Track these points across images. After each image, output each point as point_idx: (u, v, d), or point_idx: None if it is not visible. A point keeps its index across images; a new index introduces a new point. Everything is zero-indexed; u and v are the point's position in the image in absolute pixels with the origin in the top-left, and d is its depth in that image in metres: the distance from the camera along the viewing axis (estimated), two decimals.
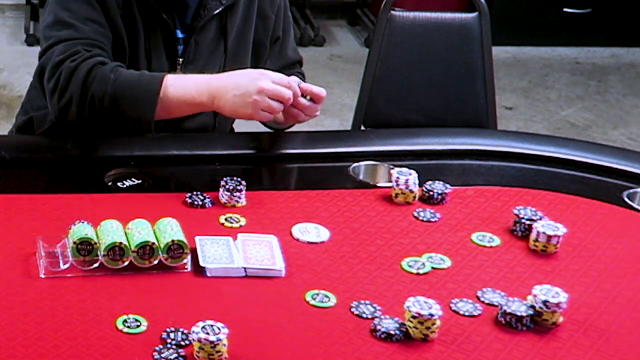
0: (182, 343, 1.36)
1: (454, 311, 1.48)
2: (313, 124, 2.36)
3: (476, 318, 1.47)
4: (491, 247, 1.68)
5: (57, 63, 1.87)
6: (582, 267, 1.63)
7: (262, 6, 2.08)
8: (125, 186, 1.80)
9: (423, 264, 1.60)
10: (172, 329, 1.38)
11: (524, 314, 1.45)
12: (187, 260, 1.54)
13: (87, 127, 1.89)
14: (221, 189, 1.76)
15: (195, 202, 1.74)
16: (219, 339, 1.32)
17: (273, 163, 1.95)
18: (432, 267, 1.59)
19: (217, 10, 1.99)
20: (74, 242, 1.50)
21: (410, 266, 1.59)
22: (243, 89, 1.79)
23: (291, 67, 2.18)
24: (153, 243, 1.52)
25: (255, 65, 2.06)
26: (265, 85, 1.78)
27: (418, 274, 1.57)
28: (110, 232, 1.53)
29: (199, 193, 1.77)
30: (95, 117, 1.86)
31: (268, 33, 2.11)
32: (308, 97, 1.86)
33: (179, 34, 2.00)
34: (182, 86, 1.83)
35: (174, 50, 2.00)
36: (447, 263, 1.61)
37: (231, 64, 2.03)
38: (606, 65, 5.32)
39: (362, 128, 2.68)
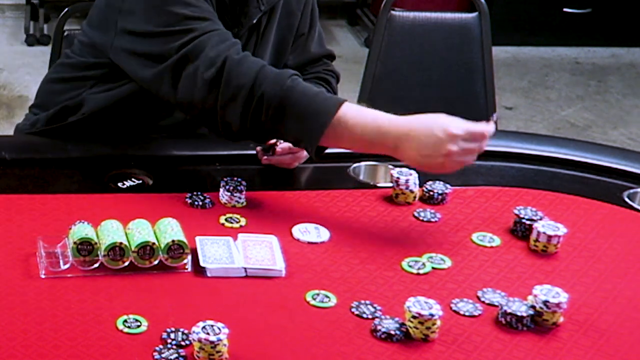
0: (183, 343, 1.35)
1: (455, 311, 1.48)
2: None
3: (476, 318, 1.47)
4: (491, 247, 1.68)
5: (215, 55, 1.71)
6: (583, 267, 1.63)
7: (289, 2, 2.03)
8: (125, 186, 1.80)
9: (423, 264, 1.60)
10: (173, 329, 1.38)
11: (524, 314, 1.45)
12: (188, 260, 1.54)
13: (241, 131, 1.72)
14: (221, 189, 1.76)
15: (196, 203, 1.74)
16: (219, 339, 1.32)
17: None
18: (433, 267, 1.59)
19: (256, 18, 1.95)
20: (74, 242, 1.50)
21: (410, 266, 1.59)
22: (429, 152, 1.62)
23: (315, 62, 2.11)
24: (153, 243, 1.52)
25: (275, 61, 2.03)
26: (454, 148, 1.61)
27: (418, 274, 1.57)
28: (110, 232, 1.53)
29: (199, 193, 1.77)
30: (256, 122, 1.69)
31: (292, 29, 2.05)
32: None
33: None
34: (362, 122, 1.66)
35: None
36: (447, 263, 1.61)
37: None
38: (606, 65, 5.32)
39: None
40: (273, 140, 1.81)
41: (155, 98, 1.81)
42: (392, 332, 1.40)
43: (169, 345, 1.35)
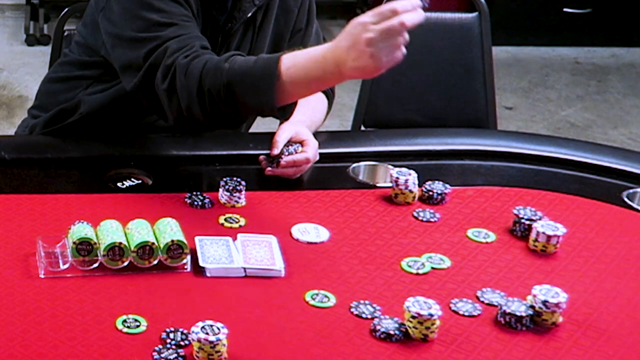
0: (182, 343, 1.36)
1: (454, 311, 1.48)
2: None
3: (476, 318, 1.47)
4: (487, 243, 1.68)
5: (170, 63, 1.75)
6: (582, 267, 1.63)
7: (285, 0, 2.04)
8: (125, 186, 1.80)
9: (423, 264, 1.60)
10: (172, 329, 1.38)
11: (523, 314, 1.45)
12: (187, 260, 1.54)
13: (216, 124, 1.77)
14: (221, 189, 1.76)
15: (195, 203, 1.74)
16: (218, 339, 1.32)
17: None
18: (432, 267, 1.59)
19: (251, 13, 1.96)
20: (74, 242, 1.50)
21: (409, 266, 1.59)
22: (354, 51, 1.58)
23: None
24: (153, 243, 1.52)
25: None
26: (370, 35, 1.56)
27: (417, 274, 1.57)
28: (110, 232, 1.53)
29: (198, 193, 1.77)
30: (218, 112, 1.72)
31: (289, 26, 2.06)
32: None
33: None
34: (302, 65, 1.66)
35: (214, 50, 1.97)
36: (446, 263, 1.61)
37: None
38: (606, 65, 5.32)
39: (362, 128, 2.68)
40: (277, 152, 1.81)
41: None
42: (392, 332, 1.40)
43: (169, 345, 1.35)
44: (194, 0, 1.88)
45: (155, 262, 1.52)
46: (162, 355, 1.33)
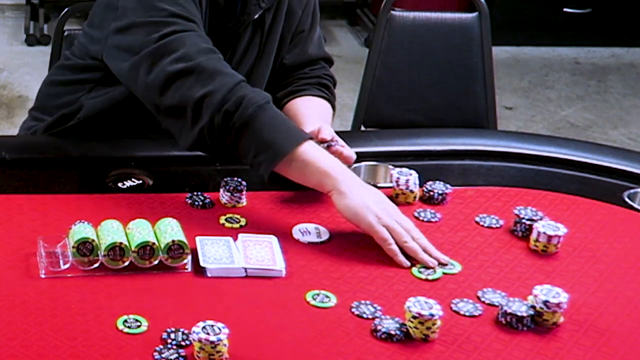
0: (183, 343, 1.35)
1: (455, 311, 1.48)
2: None
3: (477, 318, 1.47)
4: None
5: (201, 49, 1.71)
6: (583, 267, 1.63)
7: (291, 2, 2.04)
8: (125, 186, 1.80)
9: (434, 270, 1.59)
10: (173, 329, 1.38)
11: (524, 314, 1.45)
12: (188, 260, 1.54)
13: (198, 137, 1.70)
14: (222, 190, 1.76)
15: (196, 203, 1.74)
16: (219, 339, 1.32)
17: None
18: (444, 273, 1.58)
19: (257, 15, 1.95)
20: (74, 242, 1.50)
21: (420, 272, 1.58)
22: (375, 198, 1.64)
23: (311, 64, 2.11)
24: (153, 243, 1.52)
25: (275, 59, 2.04)
26: (383, 220, 1.62)
27: (427, 279, 1.56)
28: (110, 232, 1.53)
29: (199, 193, 1.77)
30: (226, 122, 1.66)
31: (292, 28, 2.06)
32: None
33: None
34: (320, 155, 1.67)
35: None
36: (457, 268, 1.60)
37: (259, 61, 2.02)
38: (606, 65, 5.32)
39: (362, 128, 2.68)
40: (328, 138, 1.79)
41: None
42: (392, 332, 1.40)
43: (169, 346, 1.35)
44: (203, 4, 1.86)
45: (156, 262, 1.52)
46: (163, 356, 1.33)
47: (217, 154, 1.75)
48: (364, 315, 1.45)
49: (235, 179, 1.77)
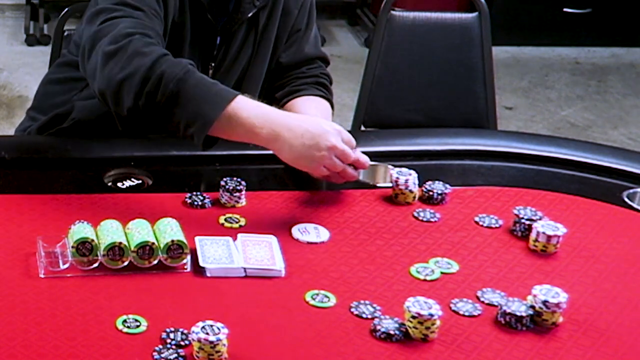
0: (182, 343, 1.35)
1: (454, 311, 1.48)
2: None
3: (476, 318, 1.47)
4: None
5: (128, 33, 1.70)
6: (582, 267, 1.63)
7: (287, 1, 2.04)
8: (125, 186, 1.80)
9: (432, 270, 1.59)
10: (172, 329, 1.38)
11: (523, 314, 1.45)
12: (187, 260, 1.54)
13: (134, 111, 1.69)
14: (221, 189, 1.76)
15: (195, 203, 1.74)
16: (218, 339, 1.32)
17: (273, 163, 1.95)
18: (442, 272, 1.58)
19: (251, 13, 1.96)
20: (74, 242, 1.50)
21: (418, 272, 1.58)
22: (314, 140, 1.66)
23: (308, 63, 2.11)
24: (153, 243, 1.52)
25: (270, 58, 2.04)
26: (337, 143, 1.67)
27: (425, 280, 1.56)
28: (110, 232, 1.53)
29: (198, 193, 1.77)
30: (152, 100, 1.66)
31: (288, 27, 2.06)
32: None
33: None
34: (248, 109, 1.67)
35: (210, 54, 1.97)
36: (454, 267, 1.60)
37: (254, 60, 2.02)
38: (606, 65, 5.32)
39: (362, 128, 2.68)
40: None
41: None
42: (392, 332, 1.40)
43: (169, 345, 1.35)
44: (174, 4, 1.86)
45: (156, 262, 1.52)
46: (163, 355, 1.33)
47: (147, 128, 1.76)
48: (363, 315, 1.45)
49: (235, 179, 1.77)
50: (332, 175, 1.72)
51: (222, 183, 1.76)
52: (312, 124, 1.69)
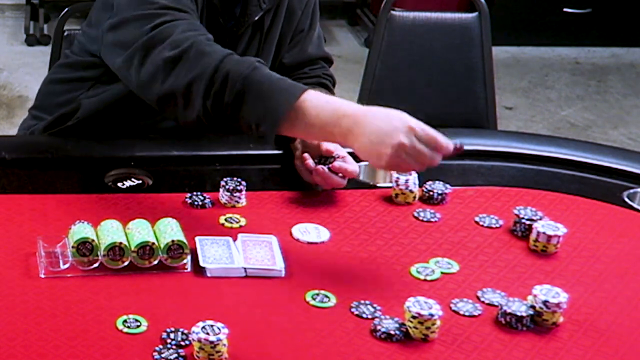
0: (182, 343, 1.35)
1: (454, 311, 1.48)
2: None
3: (476, 318, 1.47)
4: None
5: (187, 36, 1.68)
6: (582, 267, 1.63)
7: (291, 2, 2.03)
8: (125, 186, 1.80)
9: (432, 270, 1.59)
10: (172, 329, 1.38)
11: (524, 314, 1.45)
12: (187, 260, 1.54)
13: (205, 114, 1.65)
14: (221, 189, 1.76)
15: (196, 203, 1.74)
16: (219, 339, 1.32)
17: (273, 163, 1.95)
18: (442, 272, 1.58)
19: (257, 16, 1.96)
20: (74, 242, 1.50)
21: (419, 272, 1.58)
22: (380, 138, 1.55)
23: (311, 64, 2.10)
24: (153, 243, 1.52)
25: (274, 58, 2.04)
26: (407, 141, 1.54)
27: (425, 280, 1.56)
28: (110, 232, 1.53)
29: (199, 193, 1.77)
30: (219, 101, 1.63)
31: (291, 28, 2.05)
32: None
33: None
34: (317, 105, 1.60)
35: None
36: (455, 267, 1.60)
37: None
38: (606, 65, 5.32)
39: None
40: (332, 151, 1.77)
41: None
42: (392, 332, 1.40)
43: (169, 345, 1.35)
44: (199, 2, 1.87)
45: (156, 262, 1.52)
46: (163, 355, 1.33)
47: (220, 130, 1.72)
48: (364, 315, 1.45)
49: (235, 179, 1.77)
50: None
51: (223, 183, 1.76)
52: (384, 118, 1.58)
